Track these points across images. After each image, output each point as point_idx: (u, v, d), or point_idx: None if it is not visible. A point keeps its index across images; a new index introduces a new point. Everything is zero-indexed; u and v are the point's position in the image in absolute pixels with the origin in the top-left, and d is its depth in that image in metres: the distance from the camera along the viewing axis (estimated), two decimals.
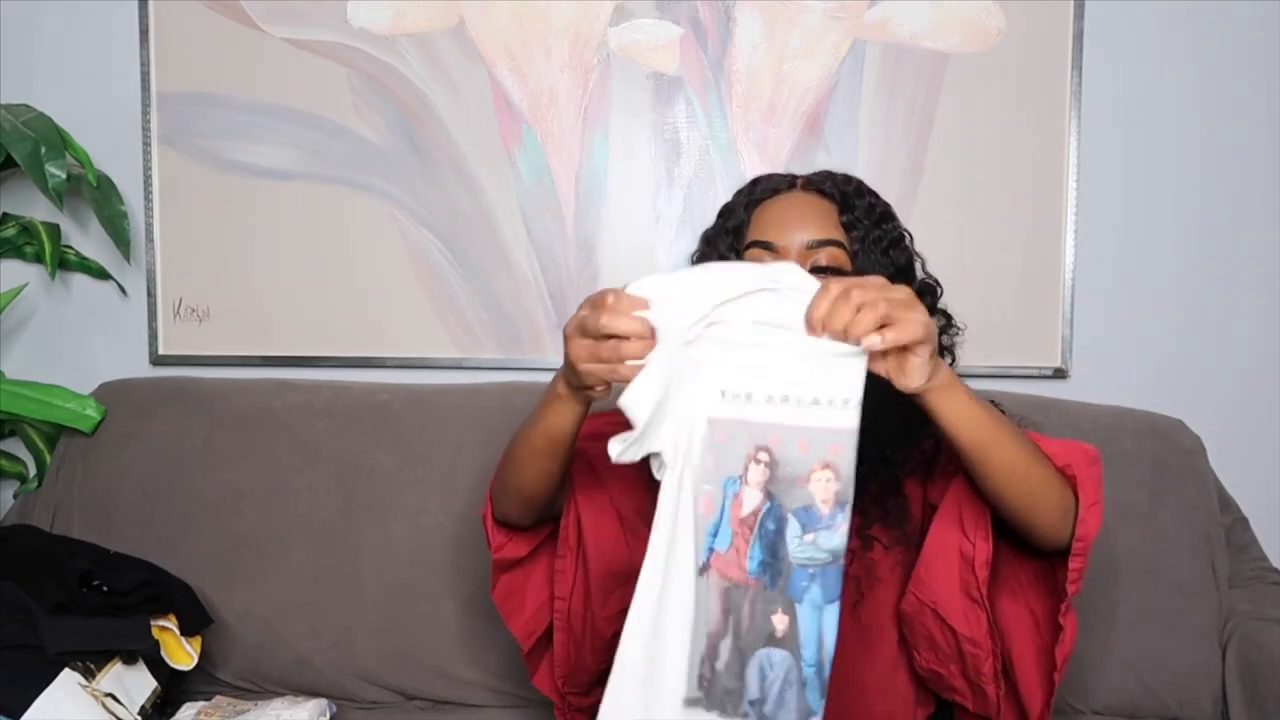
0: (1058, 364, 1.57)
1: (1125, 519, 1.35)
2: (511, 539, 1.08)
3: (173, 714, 1.26)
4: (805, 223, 1.03)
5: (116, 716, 1.14)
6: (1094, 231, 1.56)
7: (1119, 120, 1.56)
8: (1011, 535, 0.94)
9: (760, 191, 1.08)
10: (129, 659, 1.21)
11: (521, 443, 0.99)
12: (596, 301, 0.77)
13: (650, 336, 0.73)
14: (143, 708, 1.19)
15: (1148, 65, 1.55)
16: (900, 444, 1.00)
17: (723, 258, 1.08)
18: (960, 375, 1.13)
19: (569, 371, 0.83)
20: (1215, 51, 1.55)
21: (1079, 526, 0.89)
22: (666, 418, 0.73)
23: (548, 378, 1.58)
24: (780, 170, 1.54)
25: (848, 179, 1.08)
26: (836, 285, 0.73)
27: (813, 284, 0.73)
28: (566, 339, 0.80)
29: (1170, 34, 1.55)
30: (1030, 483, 0.87)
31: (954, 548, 0.93)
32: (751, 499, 0.73)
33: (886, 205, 1.08)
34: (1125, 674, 1.32)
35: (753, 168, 1.55)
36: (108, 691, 1.15)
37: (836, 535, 0.72)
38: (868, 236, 1.04)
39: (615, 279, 1.58)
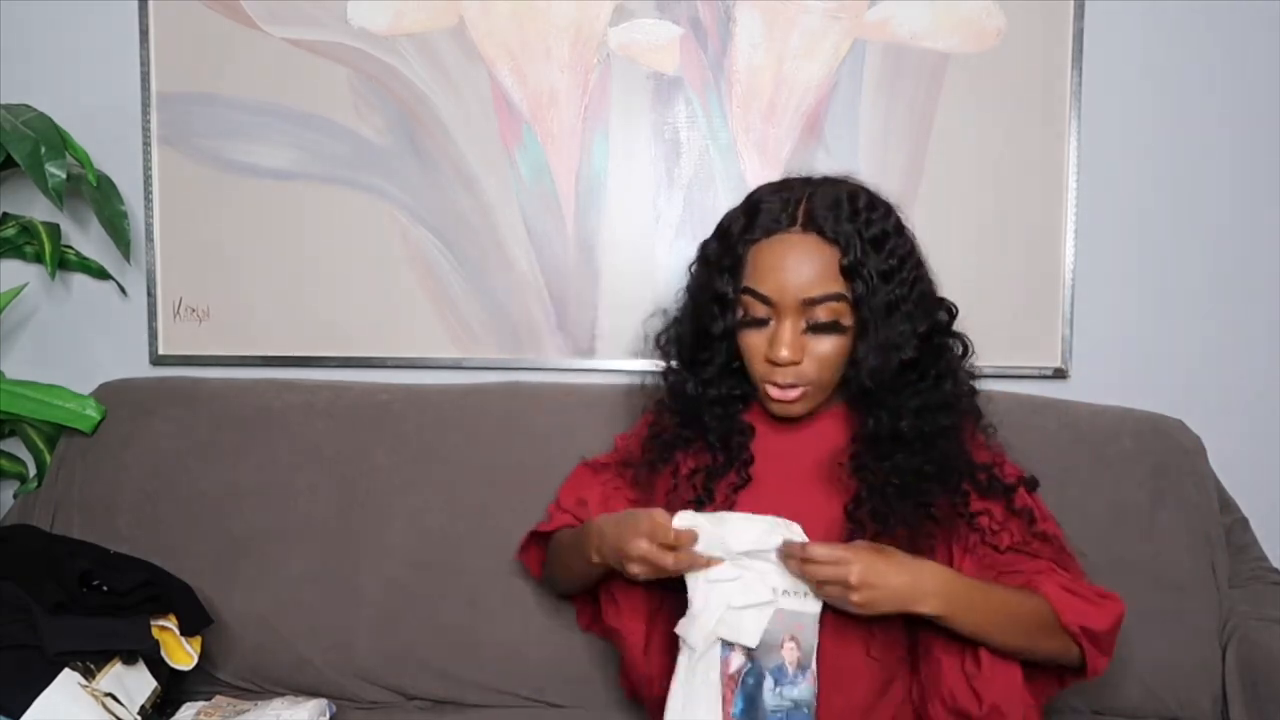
0: (1058, 364, 1.57)
1: (1125, 519, 1.35)
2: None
3: (172, 714, 1.26)
4: (801, 274, 1.01)
5: (116, 716, 1.14)
6: (1094, 231, 1.56)
7: (1119, 120, 1.56)
8: None
9: (759, 230, 1.05)
10: (129, 659, 1.21)
11: (559, 577, 1.21)
12: (658, 536, 0.97)
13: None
14: (142, 708, 1.19)
15: (1148, 65, 1.55)
16: (938, 494, 1.02)
17: (720, 296, 1.07)
18: None
19: (620, 568, 1.02)
20: (1215, 51, 1.55)
21: (1088, 665, 1.03)
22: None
23: (548, 378, 1.59)
24: (780, 172, 1.55)
25: (854, 209, 1.03)
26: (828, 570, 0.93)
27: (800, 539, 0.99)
28: (626, 559, 0.99)
29: (1170, 34, 1.55)
30: (1029, 650, 1.00)
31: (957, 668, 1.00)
32: (737, 660, 0.97)
33: (888, 224, 1.04)
34: (1125, 674, 1.32)
35: (753, 168, 1.55)
36: (108, 691, 1.15)
37: (798, 689, 0.96)
38: (870, 280, 1.01)
39: (615, 279, 1.59)
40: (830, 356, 1.04)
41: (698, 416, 1.13)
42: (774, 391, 1.06)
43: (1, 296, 1.52)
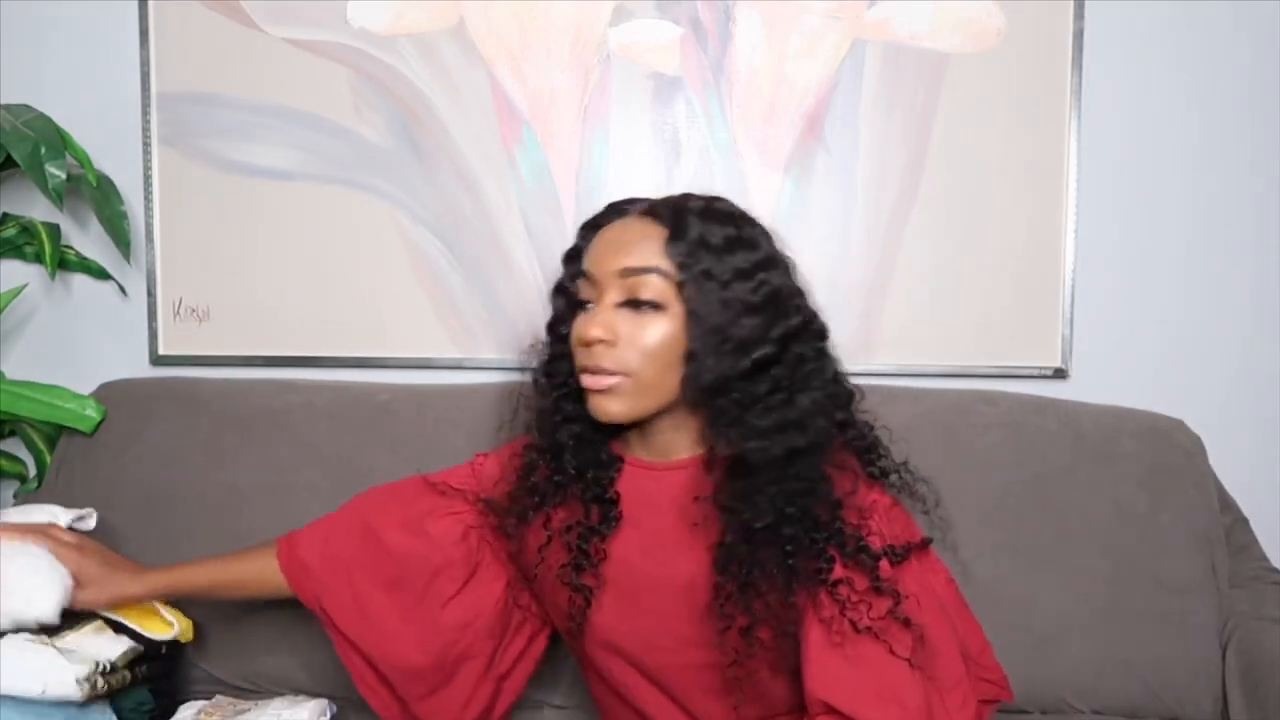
0: (1058, 364, 1.57)
1: (1125, 519, 1.35)
2: None
3: (173, 713, 1.25)
4: (621, 250, 0.95)
5: (76, 669, 1.08)
6: (1094, 231, 1.56)
7: (1119, 120, 1.56)
8: None
9: (604, 216, 1.03)
10: (93, 625, 1.16)
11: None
12: None
13: None
14: (113, 664, 1.13)
15: (1148, 65, 1.55)
16: (803, 538, 0.92)
17: (562, 287, 1.04)
18: (959, 375, 1.13)
19: None
20: (1215, 51, 1.55)
21: None
22: None
23: None
24: (780, 172, 1.55)
25: (705, 209, 0.97)
26: None
27: None
28: None
29: (1170, 34, 1.55)
30: None
31: None
32: None
33: (743, 232, 0.96)
34: (1125, 674, 1.32)
35: (753, 168, 1.55)
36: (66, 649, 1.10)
37: None
38: (697, 265, 0.93)
39: None
40: (652, 345, 0.93)
41: (559, 445, 1.03)
42: (585, 379, 0.96)
43: (1, 296, 1.52)
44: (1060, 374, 1.57)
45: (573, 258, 1.03)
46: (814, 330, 0.98)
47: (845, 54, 1.54)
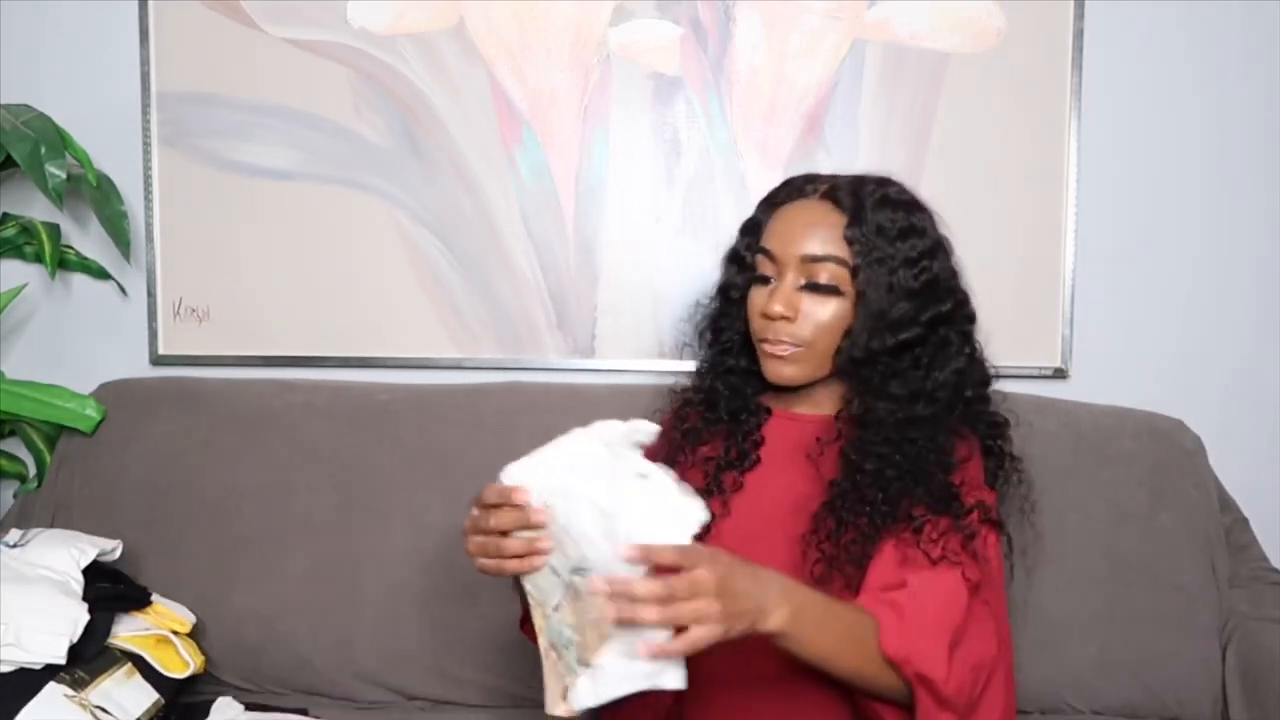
0: (1058, 364, 1.57)
1: (1125, 519, 1.35)
2: None
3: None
4: (807, 235, 1.03)
5: None
6: (1094, 231, 1.56)
7: (1119, 120, 1.56)
8: None
9: (783, 194, 1.09)
10: (124, 671, 1.19)
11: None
12: (482, 501, 0.87)
13: (529, 522, 0.84)
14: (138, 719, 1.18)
15: (1148, 65, 1.55)
16: (905, 491, 0.98)
17: (738, 256, 1.11)
18: None
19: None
20: (1215, 51, 1.55)
21: (919, 714, 0.90)
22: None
23: (547, 378, 1.59)
24: (780, 172, 1.55)
25: (879, 186, 1.06)
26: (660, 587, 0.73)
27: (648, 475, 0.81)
28: (465, 542, 0.89)
29: (1170, 34, 1.55)
30: (870, 683, 0.90)
31: None
32: None
33: (914, 219, 1.05)
34: (1125, 674, 1.32)
35: (752, 168, 1.55)
36: (97, 705, 1.13)
37: None
38: (872, 253, 1.02)
39: (615, 279, 1.59)
40: (826, 321, 1.03)
41: (715, 392, 1.13)
42: (765, 346, 1.06)
43: (1, 296, 1.52)
44: (1060, 374, 1.57)
45: (750, 230, 1.11)
46: (963, 314, 1.08)
47: (845, 54, 1.54)
